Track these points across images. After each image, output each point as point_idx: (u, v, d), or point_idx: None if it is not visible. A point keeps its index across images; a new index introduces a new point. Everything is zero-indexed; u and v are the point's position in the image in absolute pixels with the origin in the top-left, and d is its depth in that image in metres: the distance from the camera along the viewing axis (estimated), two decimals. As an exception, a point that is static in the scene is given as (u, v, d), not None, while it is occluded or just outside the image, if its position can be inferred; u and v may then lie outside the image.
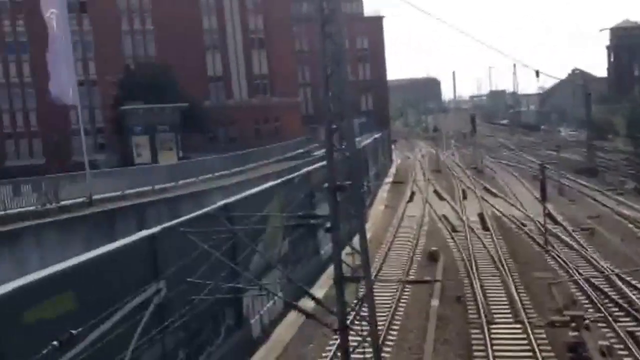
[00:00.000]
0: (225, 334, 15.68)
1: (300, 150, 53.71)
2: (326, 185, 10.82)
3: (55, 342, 7.04)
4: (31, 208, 20.98)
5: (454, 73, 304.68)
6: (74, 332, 7.41)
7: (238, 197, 17.87)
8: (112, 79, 54.70)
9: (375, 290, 13.60)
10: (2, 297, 8.73)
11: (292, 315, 18.04)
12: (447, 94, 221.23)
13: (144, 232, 13.15)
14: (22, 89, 58.98)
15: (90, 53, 59.52)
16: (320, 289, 19.82)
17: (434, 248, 26.14)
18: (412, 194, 44.43)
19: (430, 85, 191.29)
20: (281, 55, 66.68)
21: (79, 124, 28.64)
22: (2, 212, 19.62)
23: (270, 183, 21.26)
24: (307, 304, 14.19)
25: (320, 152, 45.67)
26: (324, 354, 15.85)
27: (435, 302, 19.47)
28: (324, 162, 11.79)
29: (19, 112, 59.53)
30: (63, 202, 22.22)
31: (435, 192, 44.99)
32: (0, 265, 16.42)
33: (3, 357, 8.48)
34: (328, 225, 10.90)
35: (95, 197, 24.14)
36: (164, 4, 60.85)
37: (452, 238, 28.67)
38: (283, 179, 22.67)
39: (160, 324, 11.89)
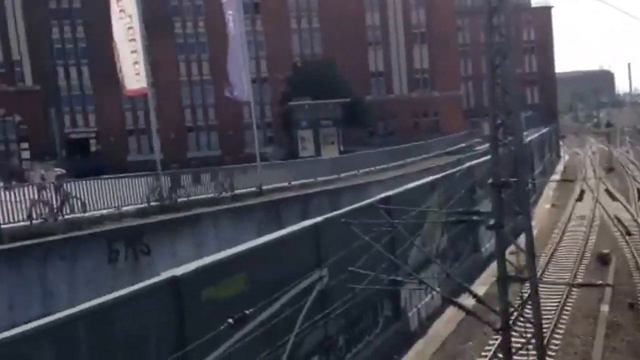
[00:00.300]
0: (383, 325, 15.98)
1: (462, 145, 52.65)
2: (490, 181, 10.64)
3: (230, 320, 7.67)
4: (209, 195, 22.86)
5: (629, 65, 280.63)
6: (247, 312, 8.01)
7: (398, 190, 18.05)
8: (281, 76, 57.54)
9: (539, 291, 13.10)
10: (185, 275, 9.68)
11: (450, 312, 17.90)
12: (621, 87, 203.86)
13: (308, 222, 13.79)
14: (201, 86, 63.88)
15: (262, 52, 62.91)
16: (481, 287, 19.42)
17: (605, 251, 24.48)
18: (582, 192, 41.75)
19: (603, 78, 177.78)
20: (443, 49, 65.86)
21: (251, 119, 30.46)
22: (185, 199, 21.61)
23: (431, 177, 21.19)
24: (466, 301, 14.03)
25: (482, 147, 44.46)
26: (483, 353, 15.59)
27: (605, 308, 18.30)
28: (487, 157, 11.60)
29: (199, 107, 64.53)
30: (237, 191, 23.96)
31: (607, 191, 41.89)
32: (183, 246, 18.21)
33: (184, 329, 9.38)
34: (491, 222, 10.72)
35: (264, 187, 25.67)
36: (330, 2, 62.69)
37: (626, 241, 26.60)
38: (443, 173, 22.48)
39: (321, 310, 12.42)
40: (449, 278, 16.56)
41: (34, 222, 16.89)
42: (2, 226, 15.50)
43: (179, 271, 9.67)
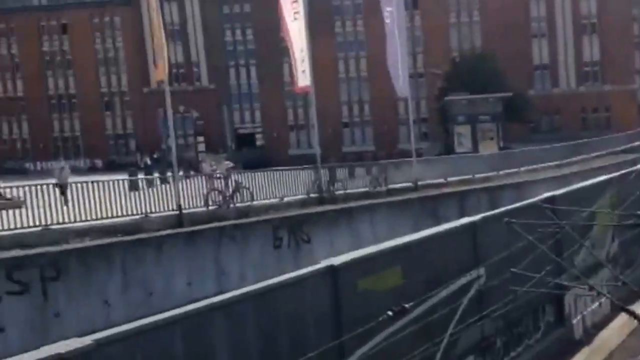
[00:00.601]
0: (544, 330, 15.22)
1: (638, 143, 48.53)
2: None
3: (389, 312, 7.71)
4: (364, 189, 23.35)
5: None
6: (406, 305, 8.00)
7: (565, 189, 17.05)
8: (438, 71, 56.92)
9: None
10: (343, 264, 9.90)
11: (620, 321, 16.57)
12: None
13: (465, 219, 13.46)
14: (358, 83, 65.11)
15: (419, 47, 62.58)
16: (656, 297, 17.81)
17: None
18: None
19: None
20: (616, 40, 61.22)
21: (406, 114, 30.55)
22: (342, 192, 22.32)
23: (602, 177, 19.78)
24: (639, 310, 12.92)
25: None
26: (657, 369, 14.28)
27: None
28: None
29: (355, 103, 65.88)
30: (391, 186, 24.20)
31: None
32: (340, 236, 18.78)
33: (341, 317, 9.60)
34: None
35: (419, 182, 25.62)
36: (492, -5, 61.01)
37: None
38: (618, 173, 20.87)
39: (477, 311, 12.10)
40: (621, 285, 15.38)
41: (209, 208, 18.41)
42: (184, 211, 17.08)
43: (336, 260, 9.91)
